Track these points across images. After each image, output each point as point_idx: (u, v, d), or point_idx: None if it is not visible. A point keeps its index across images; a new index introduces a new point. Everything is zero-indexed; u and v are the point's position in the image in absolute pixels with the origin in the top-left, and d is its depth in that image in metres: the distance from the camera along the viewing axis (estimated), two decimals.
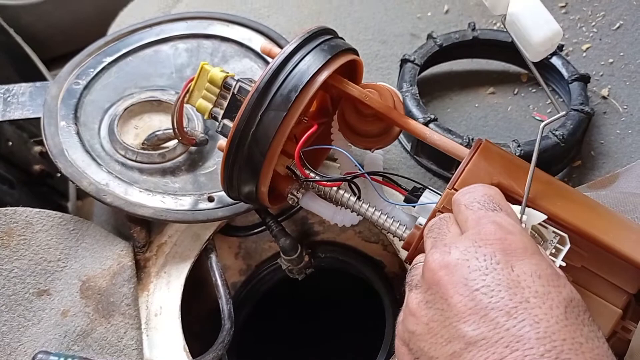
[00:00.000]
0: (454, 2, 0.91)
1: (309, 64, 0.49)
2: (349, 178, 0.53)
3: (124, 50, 0.76)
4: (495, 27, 0.86)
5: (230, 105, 0.53)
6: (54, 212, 0.66)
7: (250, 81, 0.53)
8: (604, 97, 0.76)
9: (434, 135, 0.53)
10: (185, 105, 0.59)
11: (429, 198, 0.51)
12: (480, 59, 0.81)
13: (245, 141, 0.49)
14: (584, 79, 0.73)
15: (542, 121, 0.76)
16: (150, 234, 0.67)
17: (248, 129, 0.48)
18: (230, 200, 0.63)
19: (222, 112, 0.54)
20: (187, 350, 0.61)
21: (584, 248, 0.48)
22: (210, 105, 0.55)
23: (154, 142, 0.67)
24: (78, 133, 0.69)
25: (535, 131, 0.75)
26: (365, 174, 0.53)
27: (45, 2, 1.12)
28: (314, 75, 0.49)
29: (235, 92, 0.53)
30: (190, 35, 0.77)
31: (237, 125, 0.49)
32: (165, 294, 0.64)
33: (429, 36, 0.78)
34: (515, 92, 0.79)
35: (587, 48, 0.81)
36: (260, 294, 0.81)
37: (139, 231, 0.65)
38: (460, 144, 0.67)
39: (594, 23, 0.83)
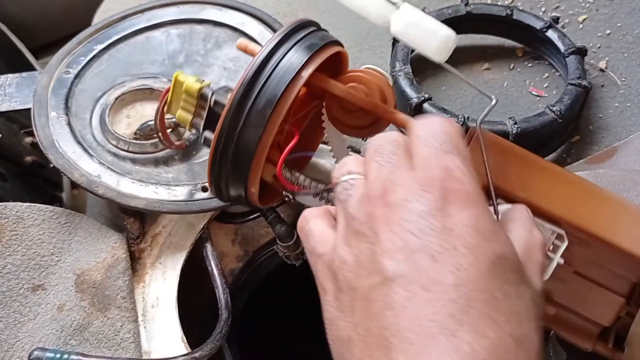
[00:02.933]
0: None
1: (284, 70, 0.46)
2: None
3: (115, 37, 0.75)
4: (489, 1, 0.84)
5: (209, 117, 0.52)
6: (45, 205, 0.65)
7: (227, 91, 0.51)
8: (601, 70, 0.75)
9: None
10: None
11: None
12: (475, 34, 0.80)
13: (227, 156, 0.47)
14: (581, 52, 0.71)
15: (539, 96, 0.76)
16: (144, 225, 0.66)
17: (228, 146, 0.47)
18: None
19: (202, 122, 0.52)
20: (185, 340, 0.61)
21: (582, 240, 0.47)
22: (190, 116, 0.53)
23: (146, 132, 0.66)
24: (69, 123, 0.67)
25: (532, 107, 0.74)
26: None
27: None
28: (290, 84, 0.46)
29: (212, 105, 0.52)
30: (183, 21, 0.75)
31: (215, 144, 0.47)
32: (161, 285, 0.63)
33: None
34: (511, 67, 0.78)
35: (584, 19, 0.79)
36: (259, 280, 0.80)
37: (132, 222, 0.65)
38: (456, 122, 0.66)
39: None
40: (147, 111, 0.69)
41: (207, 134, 0.52)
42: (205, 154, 0.66)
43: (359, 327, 0.33)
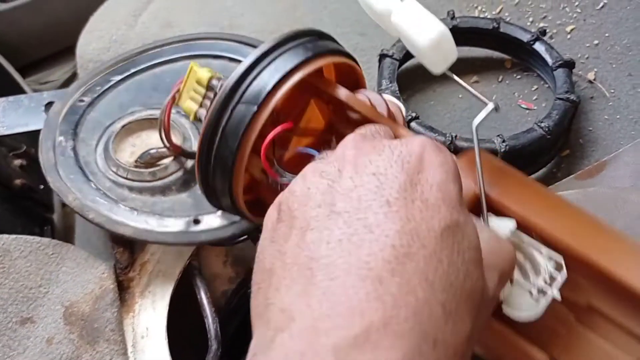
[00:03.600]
0: None
1: (290, 58, 0.46)
2: None
3: (134, 70, 0.75)
4: (475, 13, 0.83)
5: None
6: (32, 237, 0.64)
7: None
8: (590, 82, 0.74)
9: None
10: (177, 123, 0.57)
11: None
12: (462, 46, 0.79)
13: (215, 137, 0.46)
14: (569, 65, 0.70)
15: (528, 109, 0.75)
16: (134, 254, 0.65)
17: (219, 124, 0.46)
18: (216, 224, 0.61)
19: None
20: None
21: (587, 278, 0.40)
22: (196, 107, 0.53)
23: (147, 161, 0.66)
24: (74, 148, 0.68)
25: (521, 120, 0.73)
26: None
27: (16, 9, 1.09)
28: (293, 70, 0.45)
29: (218, 92, 0.51)
30: (201, 56, 0.75)
31: (208, 121, 0.46)
32: (151, 315, 0.63)
33: None
34: (500, 80, 0.77)
35: (572, 30, 0.79)
36: None
37: (122, 252, 0.64)
38: (443, 142, 0.65)
39: (577, 3, 0.80)
40: (152, 141, 0.69)
41: None
42: None
43: (286, 255, 0.32)
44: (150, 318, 0.63)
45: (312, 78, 0.47)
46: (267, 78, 0.46)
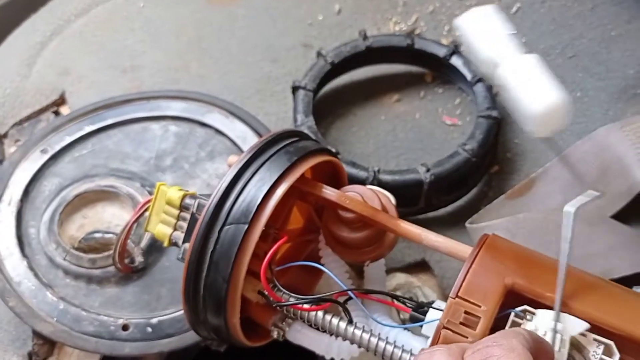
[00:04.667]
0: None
1: (274, 166, 0.43)
2: (340, 299, 0.45)
3: (111, 121, 0.67)
4: (390, 25, 0.80)
5: (190, 227, 0.46)
6: None
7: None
8: None
9: (430, 236, 0.45)
10: None
11: (439, 313, 0.42)
12: (379, 64, 0.75)
13: (202, 265, 0.42)
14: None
15: (453, 125, 0.72)
16: (54, 346, 0.60)
17: (205, 250, 0.42)
18: (145, 335, 0.56)
19: (182, 235, 0.47)
20: None
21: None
22: (170, 230, 0.48)
23: (91, 244, 0.60)
24: (19, 212, 0.62)
25: (447, 138, 0.71)
26: (349, 291, 0.45)
27: None
28: (279, 178, 0.42)
29: (194, 212, 0.47)
30: (185, 119, 0.67)
31: (192, 247, 0.42)
32: None
33: (319, 54, 0.71)
34: (422, 96, 0.74)
35: None
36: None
37: (42, 345, 0.59)
38: (366, 178, 0.62)
39: None
40: (106, 216, 0.62)
41: (187, 246, 0.46)
42: (141, 284, 0.59)
43: None
44: None
45: (296, 182, 0.44)
46: (253, 192, 0.42)
